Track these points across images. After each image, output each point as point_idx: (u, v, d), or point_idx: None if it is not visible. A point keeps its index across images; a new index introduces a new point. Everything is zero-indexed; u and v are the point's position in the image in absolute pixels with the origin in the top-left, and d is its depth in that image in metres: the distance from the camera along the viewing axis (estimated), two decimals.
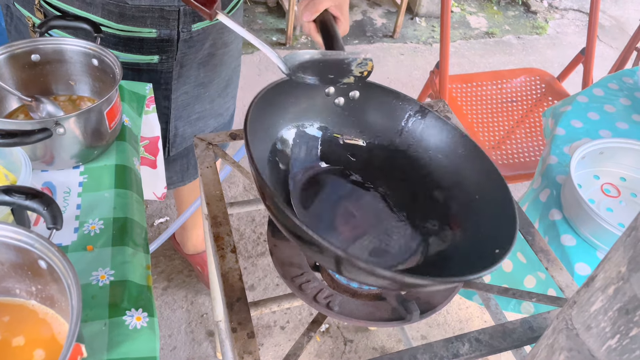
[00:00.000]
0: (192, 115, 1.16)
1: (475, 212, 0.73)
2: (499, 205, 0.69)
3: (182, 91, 1.09)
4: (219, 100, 1.20)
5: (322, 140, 0.80)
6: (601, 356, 0.41)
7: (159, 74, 1.04)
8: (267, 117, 0.73)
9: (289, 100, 0.75)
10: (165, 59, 1.01)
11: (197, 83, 1.11)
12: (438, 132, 0.79)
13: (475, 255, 0.68)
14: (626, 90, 1.26)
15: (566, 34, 3.09)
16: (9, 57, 0.82)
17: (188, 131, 1.18)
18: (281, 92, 0.73)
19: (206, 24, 1.01)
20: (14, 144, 0.68)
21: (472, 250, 0.69)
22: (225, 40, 1.10)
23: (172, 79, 1.05)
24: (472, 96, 1.81)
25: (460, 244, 0.71)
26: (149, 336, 0.62)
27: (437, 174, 0.79)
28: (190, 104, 1.13)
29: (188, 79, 1.08)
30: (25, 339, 0.58)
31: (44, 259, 0.55)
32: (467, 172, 0.76)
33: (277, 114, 0.75)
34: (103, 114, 0.79)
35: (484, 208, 0.72)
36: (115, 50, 0.97)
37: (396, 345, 1.56)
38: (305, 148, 0.78)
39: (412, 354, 0.64)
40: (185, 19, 0.97)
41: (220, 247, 0.75)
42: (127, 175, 0.82)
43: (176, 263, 1.70)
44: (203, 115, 1.18)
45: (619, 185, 1.05)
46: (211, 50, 1.08)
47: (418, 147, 0.80)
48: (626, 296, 0.38)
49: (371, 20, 2.96)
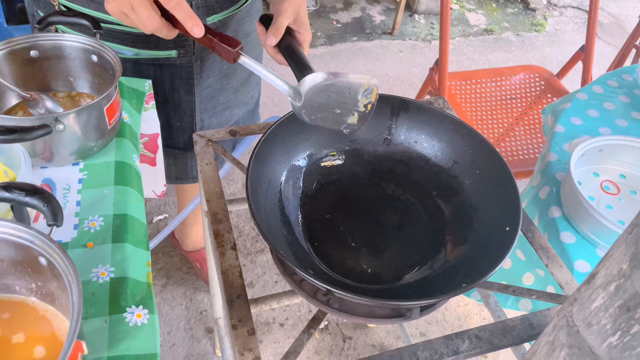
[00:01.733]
0: (217, 107, 1.17)
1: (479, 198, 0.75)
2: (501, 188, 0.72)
3: (205, 85, 1.10)
4: (242, 89, 1.20)
5: (305, 169, 0.80)
6: (602, 353, 0.41)
7: (179, 68, 1.04)
8: (266, 170, 0.74)
9: (278, 147, 0.76)
10: (184, 53, 1.02)
11: (221, 75, 1.11)
12: (424, 119, 0.81)
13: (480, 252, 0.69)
14: (626, 88, 1.26)
15: (565, 31, 3.08)
16: (8, 53, 0.82)
17: (214, 122, 1.19)
18: (274, 139, 0.75)
19: (222, 16, 1.01)
20: (13, 141, 0.68)
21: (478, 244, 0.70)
22: (246, 30, 1.10)
23: (193, 73, 1.06)
24: (471, 93, 1.81)
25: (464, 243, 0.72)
26: (150, 333, 0.62)
27: (435, 160, 0.81)
28: (214, 96, 1.14)
29: (212, 72, 1.09)
30: (25, 336, 0.58)
31: (44, 256, 0.55)
32: (463, 149, 0.78)
33: (275, 161, 0.76)
34: (103, 110, 0.79)
35: (486, 188, 0.74)
36: (134, 47, 0.98)
37: (395, 342, 1.57)
38: (292, 182, 0.79)
39: (412, 350, 0.64)
40: (199, 13, 0.97)
41: (220, 244, 0.75)
42: (127, 171, 0.81)
43: (175, 260, 1.70)
44: (228, 105, 1.19)
45: (618, 183, 1.05)
46: None
47: (409, 139, 0.82)
48: (627, 293, 0.38)
49: (370, 17, 2.95)
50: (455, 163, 0.79)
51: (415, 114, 0.81)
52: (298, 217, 0.77)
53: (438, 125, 0.80)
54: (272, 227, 0.70)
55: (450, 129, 0.79)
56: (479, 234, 0.71)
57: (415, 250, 0.75)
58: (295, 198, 0.78)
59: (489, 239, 0.69)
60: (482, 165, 0.76)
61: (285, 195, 0.76)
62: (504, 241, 0.65)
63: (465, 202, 0.76)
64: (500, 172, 0.73)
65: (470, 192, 0.76)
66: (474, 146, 0.77)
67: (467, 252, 0.71)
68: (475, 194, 0.76)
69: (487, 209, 0.73)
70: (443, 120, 0.80)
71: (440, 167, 0.80)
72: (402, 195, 0.81)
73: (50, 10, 0.96)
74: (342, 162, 0.83)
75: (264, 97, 2.35)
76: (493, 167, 0.74)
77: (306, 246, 0.74)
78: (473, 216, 0.74)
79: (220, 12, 1.00)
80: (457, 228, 0.75)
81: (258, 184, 0.70)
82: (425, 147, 0.81)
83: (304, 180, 0.79)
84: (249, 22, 1.09)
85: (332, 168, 0.82)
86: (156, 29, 0.71)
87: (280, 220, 0.73)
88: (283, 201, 0.75)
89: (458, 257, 0.71)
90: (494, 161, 0.74)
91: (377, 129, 0.82)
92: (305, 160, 0.80)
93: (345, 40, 2.77)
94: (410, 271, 0.73)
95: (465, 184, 0.77)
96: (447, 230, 0.76)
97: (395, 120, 0.81)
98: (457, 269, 0.69)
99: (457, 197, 0.77)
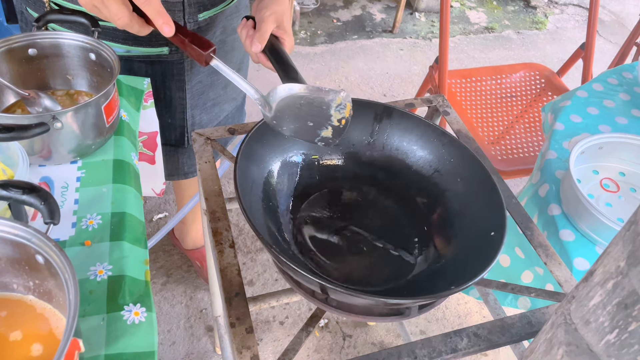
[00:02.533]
0: (207, 103, 1.17)
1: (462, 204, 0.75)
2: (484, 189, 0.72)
3: (196, 80, 1.10)
4: (231, 84, 1.20)
5: (301, 165, 0.80)
6: (600, 351, 0.41)
7: (170, 65, 1.04)
8: (256, 159, 0.74)
9: (274, 138, 0.76)
10: (175, 49, 1.02)
11: (211, 71, 1.12)
12: (406, 126, 0.81)
13: (471, 252, 0.68)
14: (626, 85, 1.26)
15: (566, 29, 3.08)
16: (6, 51, 0.82)
17: (204, 118, 1.19)
18: (266, 131, 0.74)
19: (213, 12, 1.01)
20: (11, 139, 0.68)
21: (465, 247, 0.70)
22: (234, 26, 1.10)
23: (184, 69, 1.06)
24: (472, 91, 1.81)
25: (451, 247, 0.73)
26: (147, 331, 0.62)
27: (416, 167, 0.81)
28: (204, 92, 1.14)
29: (202, 68, 1.09)
30: (22, 334, 0.58)
31: (41, 254, 0.54)
32: (445, 156, 0.78)
33: (266, 152, 0.76)
34: (101, 108, 0.79)
35: (469, 194, 0.74)
36: (125, 44, 0.98)
37: (395, 340, 1.57)
38: (287, 177, 0.79)
39: (410, 348, 0.64)
40: (191, 10, 0.97)
41: (218, 242, 0.74)
42: (125, 170, 0.81)
43: (175, 258, 1.70)
44: (217, 101, 1.19)
45: (618, 180, 1.05)
46: (222, 37, 1.08)
47: (391, 146, 0.82)
48: (625, 291, 0.37)
49: (370, 15, 2.95)
50: (436, 171, 0.79)
51: (398, 121, 0.81)
52: (288, 216, 0.77)
53: (420, 133, 0.80)
54: (265, 226, 0.70)
55: (432, 137, 0.79)
56: (464, 239, 0.71)
57: (398, 257, 0.75)
58: (285, 197, 0.78)
59: (477, 243, 0.68)
60: (464, 172, 0.76)
61: (272, 194, 0.76)
62: (492, 245, 0.65)
63: (448, 208, 0.76)
64: (483, 179, 0.73)
65: (452, 198, 0.76)
66: (455, 154, 0.77)
67: (456, 255, 0.71)
68: (457, 200, 0.76)
69: (471, 215, 0.73)
70: (425, 129, 0.80)
71: (421, 175, 0.80)
72: (383, 201, 0.81)
73: (40, 8, 0.95)
74: (324, 164, 0.82)
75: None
76: (475, 174, 0.74)
77: (296, 249, 0.74)
78: (455, 222, 0.74)
79: (211, 8, 1.00)
80: (442, 233, 0.75)
81: (245, 181, 0.70)
82: (407, 154, 0.81)
83: (288, 181, 0.79)
84: (237, 18, 1.09)
85: (314, 170, 0.82)
86: (126, 24, 0.70)
87: (270, 219, 0.73)
88: (271, 199, 0.75)
89: (447, 259, 0.71)
90: (476, 169, 0.74)
91: (360, 134, 0.82)
92: (300, 157, 0.80)
93: (345, 39, 2.76)
94: (398, 275, 0.73)
95: (447, 191, 0.77)
96: (433, 234, 0.76)
97: (377, 127, 0.81)
98: (447, 271, 0.69)
99: (439, 204, 0.77)
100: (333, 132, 0.72)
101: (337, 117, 0.71)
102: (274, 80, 2.46)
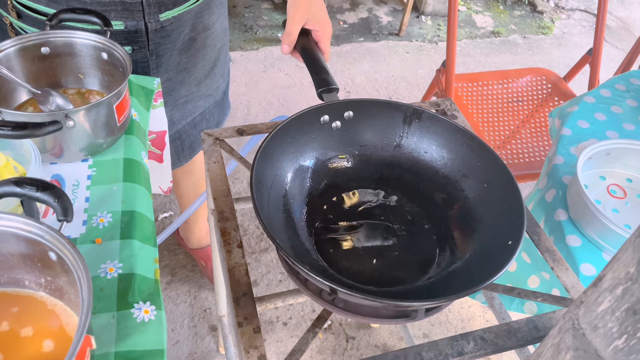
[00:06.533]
0: (179, 100, 1.17)
1: (484, 208, 0.74)
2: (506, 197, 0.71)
3: (164, 78, 1.10)
4: (206, 81, 1.21)
5: (312, 168, 0.80)
6: (608, 356, 0.41)
7: (134, 64, 1.03)
8: (271, 166, 0.74)
9: (287, 144, 0.76)
10: (138, 49, 1.02)
11: (180, 69, 1.11)
12: (435, 129, 0.80)
13: (487, 255, 0.69)
14: (633, 92, 1.26)
15: (572, 34, 3.08)
16: (19, 49, 0.82)
17: (176, 115, 1.19)
18: (278, 140, 0.75)
19: (177, 12, 1.00)
20: (24, 136, 0.69)
21: (482, 252, 0.70)
22: (206, 24, 1.09)
23: (149, 68, 1.06)
24: (478, 95, 1.81)
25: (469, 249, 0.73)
26: (157, 329, 0.63)
27: (443, 171, 0.80)
28: (175, 89, 1.14)
29: (169, 66, 1.09)
30: (33, 330, 0.59)
31: (54, 251, 0.55)
32: (472, 162, 0.78)
33: (280, 160, 0.76)
34: (112, 107, 0.79)
35: (492, 201, 0.74)
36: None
37: (398, 343, 1.57)
38: (298, 180, 0.79)
39: (417, 351, 0.64)
40: (150, 10, 0.97)
41: (227, 242, 0.75)
42: (136, 168, 0.82)
43: (180, 257, 1.71)
44: (190, 98, 1.19)
45: (625, 187, 1.05)
46: (192, 35, 1.07)
47: (420, 148, 0.82)
48: (634, 297, 0.38)
49: (377, 18, 2.95)
50: (463, 176, 0.78)
51: (427, 124, 0.80)
52: (302, 216, 0.77)
53: (449, 137, 0.79)
54: (276, 224, 0.71)
55: (461, 142, 0.78)
56: (482, 245, 0.71)
57: (416, 258, 0.75)
58: (301, 197, 0.78)
59: (493, 250, 0.68)
60: (491, 179, 0.75)
61: (290, 193, 0.76)
62: (506, 253, 0.65)
63: (470, 214, 0.76)
64: (508, 187, 0.72)
65: (475, 204, 0.76)
66: (483, 159, 0.76)
67: (469, 260, 0.71)
68: (481, 206, 0.75)
69: (493, 222, 0.73)
70: (455, 132, 0.79)
71: (448, 178, 0.80)
72: (407, 203, 0.81)
73: (3, 7, 0.95)
74: (351, 165, 0.83)
75: (270, 96, 2.36)
76: (501, 181, 0.73)
77: (310, 246, 0.74)
78: (476, 228, 0.74)
79: (173, 8, 0.99)
80: (462, 238, 0.75)
81: (263, 179, 0.71)
82: (435, 157, 0.81)
83: (311, 180, 0.79)
84: (208, 15, 1.08)
85: (339, 170, 0.82)
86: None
87: (284, 218, 0.74)
88: (288, 198, 0.76)
89: (461, 263, 0.72)
90: (503, 176, 0.73)
91: (388, 136, 0.82)
92: (312, 160, 0.80)
93: (351, 41, 2.77)
94: (413, 277, 0.73)
95: (471, 197, 0.77)
96: (453, 238, 0.76)
97: (407, 128, 0.81)
98: (458, 274, 0.70)
99: (463, 209, 0.77)
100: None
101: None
102: (279, 81, 2.46)
